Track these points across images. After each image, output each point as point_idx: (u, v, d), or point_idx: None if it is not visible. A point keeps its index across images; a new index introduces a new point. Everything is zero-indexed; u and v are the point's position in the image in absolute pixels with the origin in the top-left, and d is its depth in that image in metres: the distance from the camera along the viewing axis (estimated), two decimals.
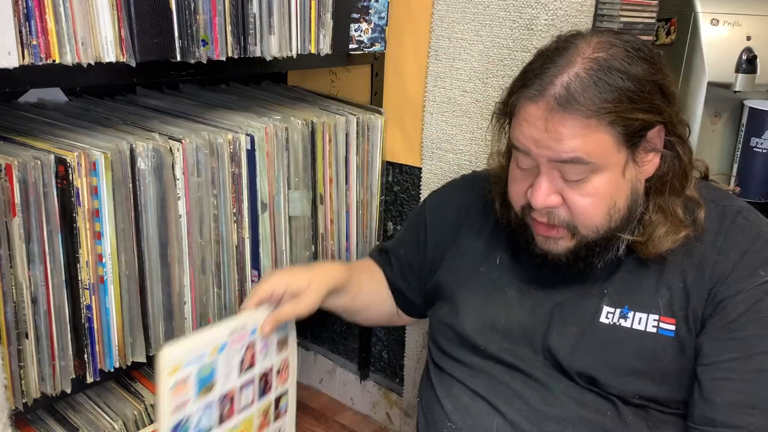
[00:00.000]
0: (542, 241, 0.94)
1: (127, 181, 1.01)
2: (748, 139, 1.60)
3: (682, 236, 0.91)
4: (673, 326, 0.91)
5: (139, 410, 1.17)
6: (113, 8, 0.92)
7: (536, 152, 0.87)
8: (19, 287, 0.93)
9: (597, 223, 0.90)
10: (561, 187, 0.88)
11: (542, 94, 0.85)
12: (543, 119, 0.85)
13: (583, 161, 0.85)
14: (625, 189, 0.90)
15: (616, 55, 0.85)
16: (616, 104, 0.83)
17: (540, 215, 0.91)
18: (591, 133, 0.84)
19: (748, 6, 1.60)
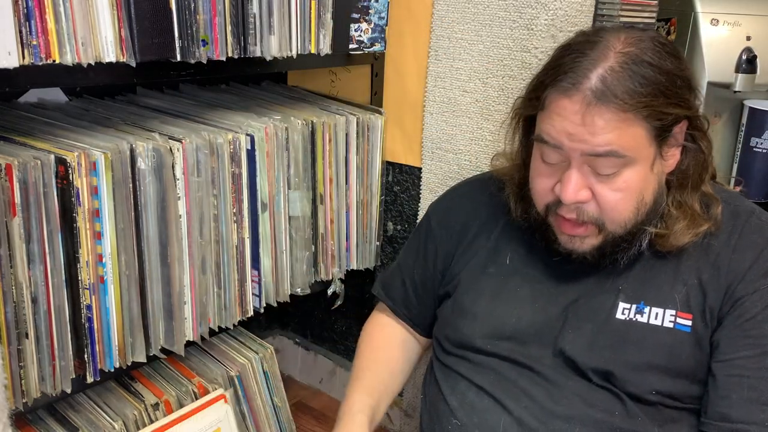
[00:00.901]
0: (567, 240, 0.94)
1: (127, 181, 1.02)
2: (748, 139, 1.60)
3: (703, 230, 0.92)
4: (689, 321, 0.91)
5: (139, 410, 1.17)
6: (113, 8, 0.92)
7: (569, 146, 0.86)
8: (19, 287, 0.93)
9: (626, 218, 0.90)
10: (591, 181, 0.88)
11: (577, 87, 0.84)
12: (579, 113, 0.84)
13: (618, 155, 0.85)
14: (652, 183, 0.90)
15: (646, 50, 0.86)
16: (652, 98, 0.84)
17: (568, 211, 0.91)
18: (627, 126, 0.84)
19: (748, 6, 1.60)
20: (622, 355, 0.92)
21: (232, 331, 1.42)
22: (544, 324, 0.97)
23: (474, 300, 1.03)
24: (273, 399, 1.42)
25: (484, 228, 1.08)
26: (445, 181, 1.39)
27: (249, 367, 1.36)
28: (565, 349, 0.95)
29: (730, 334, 0.89)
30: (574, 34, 0.94)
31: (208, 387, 1.26)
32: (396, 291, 1.19)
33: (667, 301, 0.93)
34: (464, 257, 1.08)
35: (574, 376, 0.95)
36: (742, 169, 1.62)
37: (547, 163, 0.91)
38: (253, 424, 1.39)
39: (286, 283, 1.33)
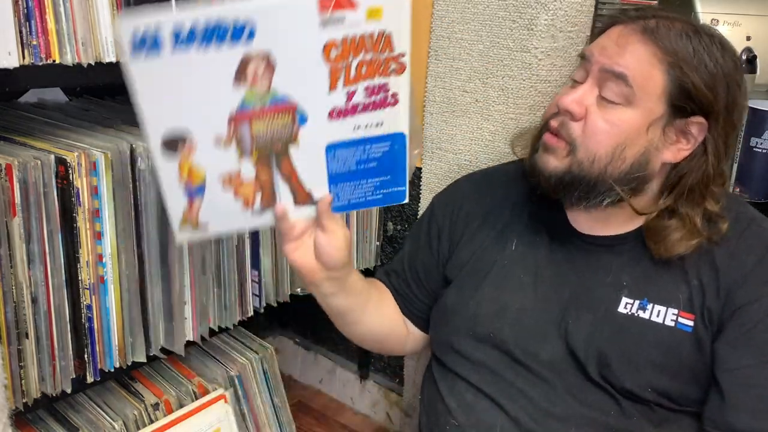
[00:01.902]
0: (541, 155, 0.96)
1: (128, 181, 1.02)
2: (748, 139, 1.60)
3: (694, 243, 0.92)
4: (691, 322, 0.91)
5: (139, 410, 1.17)
6: (113, 8, 0.92)
7: (596, 58, 0.91)
8: (19, 287, 0.93)
9: (598, 153, 0.91)
10: (590, 104, 0.91)
11: (635, 21, 0.90)
12: (621, 35, 0.90)
13: (627, 82, 0.88)
14: (640, 142, 0.90)
15: (715, 38, 0.91)
16: (684, 59, 0.88)
17: (555, 120, 0.94)
18: (649, 65, 0.88)
19: (748, 6, 1.60)
20: (621, 348, 0.93)
21: (232, 331, 1.42)
22: (545, 312, 0.97)
23: (479, 285, 1.03)
24: (273, 399, 1.42)
25: (489, 216, 1.08)
26: (445, 180, 1.39)
27: (249, 367, 1.36)
28: (566, 339, 0.95)
29: (734, 343, 0.89)
30: (574, 33, 0.95)
31: (208, 387, 1.26)
32: (397, 278, 1.18)
33: (671, 299, 0.93)
34: (469, 245, 1.08)
35: (571, 372, 0.95)
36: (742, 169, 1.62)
37: (572, 83, 0.95)
38: (253, 424, 1.39)
39: (286, 283, 1.33)
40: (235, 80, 0.81)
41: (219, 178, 0.86)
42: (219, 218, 0.89)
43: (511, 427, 0.96)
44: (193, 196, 0.87)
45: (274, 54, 0.82)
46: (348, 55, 0.84)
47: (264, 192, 0.89)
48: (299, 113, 0.85)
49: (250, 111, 0.84)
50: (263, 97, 0.83)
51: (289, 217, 0.90)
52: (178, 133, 0.83)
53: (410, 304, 1.16)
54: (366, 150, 0.90)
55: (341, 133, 0.87)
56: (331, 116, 0.86)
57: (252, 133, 0.85)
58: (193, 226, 0.89)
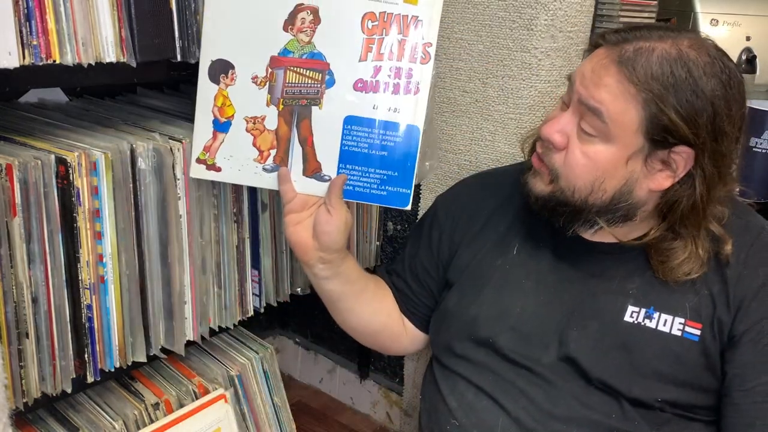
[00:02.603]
0: (529, 176, 0.96)
1: (128, 181, 1.02)
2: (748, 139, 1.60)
3: (696, 268, 0.91)
4: (698, 331, 0.91)
5: (139, 410, 1.17)
6: (113, 8, 0.92)
7: (576, 87, 0.90)
8: (20, 287, 0.93)
9: (576, 184, 0.91)
10: (571, 134, 0.90)
11: (617, 46, 0.87)
12: (599, 62, 0.88)
13: (602, 118, 0.86)
14: (619, 175, 0.89)
15: (700, 62, 0.84)
16: (659, 94, 0.83)
17: (540, 146, 0.94)
18: (624, 98, 0.85)
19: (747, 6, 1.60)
20: (628, 357, 0.92)
21: (233, 331, 1.42)
22: (548, 318, 0.97)
23: (481, 289, 1.03)
24: (273, 399, 1.42)
25: (492, 219, 1.08)
26: (445, 181, 1.39)
27: (249, 366, 1.36)
28: (569, 347, 0.95)
29: (751, 360, 0.89)
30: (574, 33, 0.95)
31: (208, 387, 1.26)
32: (398, 277, 1.18)
33: (678, 308, 0.92)
34: (471, 248, 1.07)
35: (573, 377, 0.95)
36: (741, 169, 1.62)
37: (560, 107, 0.94)
38: (253, 424, 1.39)
39: (286, 283, 1.33)
40: (285, 23, 0.88)
41: (245, 118, 0.93)
42: (233, 164, 0.94)
43: (511, 427, 0.95)
44: (218, 130, 0.93)
45: (322, 9, 0.89)
46: (381, 30, 0.90)
47: (279, 148, 0.94)
48: (329, 74, 0.91)
49: (289, 59, 0.90)
50: (303, 48, 0.90)
51: (295, 188, 0.92)
52: (224, 63, 0.90)
53: (409, 303, 1.16)
54: (380, 134, 0.94)
55: (361, 109, 0.92)
56: (356, 87, 0.92)
57: (285, 80, 0.91)
58: (209, 162, 0.94)
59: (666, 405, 0.92)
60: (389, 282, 1.18)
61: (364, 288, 1.11)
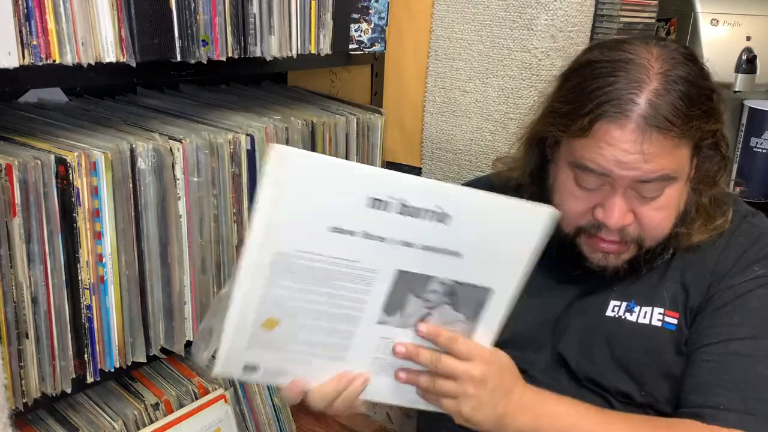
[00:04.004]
0: (600, 257, 0.92)
1: (128, 181, 1.01)
2: (748, 139, 1.60)
3: (718, 224, 0.92)
4: (676, 320, 0.91)
5: (139, 410, 1.17)
6: (113, 8, 0.92)
7: (619, 174, 0.83)
8: (19, 287, 0.93)
9: (664, 233, 0.90)
10: (634, 203, 0.87)
11: (626, 115, 0.81)
12: (632, 141, 0.81)
13: (668, 177, 0.84)
14: (685, 195, 0.91)
15: (682, 68, 0.84)
16: (701, 120, 0.82)
17: (610, 234, 0.88)
18: (677, 149, 0.83)
19: (748, 6, 1.60)
20: (610, 351, 0.93)
21: None
22: (539, 324, 0.98)
23: None
24: (273, 399, 1.42)
25: None
26: (445, 181, 1.39)
27: None
28: (558, 347, 0.96)
29: (698, 326, 0.89)
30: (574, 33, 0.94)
31: (208, 387, 1.26)
32: None
33: (656, 299, 0.93)
34: None
35: (564, 378, 0.95)
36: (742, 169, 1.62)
37: (583, 188, 0.88)
38: (253, 424, 1.39)
39: None
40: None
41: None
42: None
43: None
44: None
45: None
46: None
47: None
48: None
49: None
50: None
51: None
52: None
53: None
54: None
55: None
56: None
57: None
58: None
59: (653, 399, 0.92)
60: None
61: None
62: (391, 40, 1.41)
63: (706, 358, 0.87)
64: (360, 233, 0.79)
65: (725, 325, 0.87)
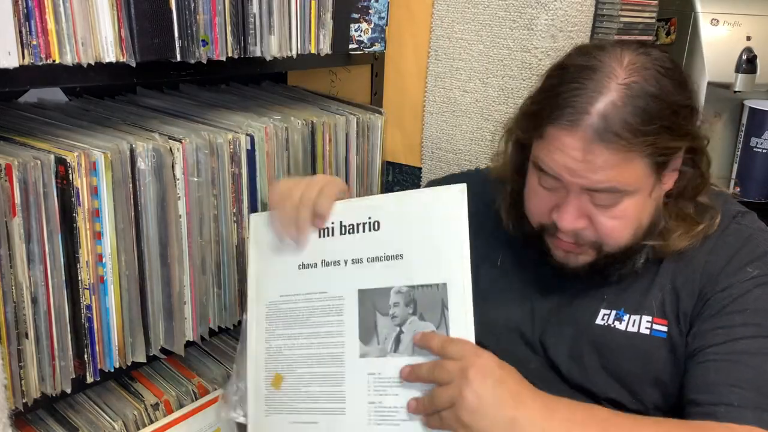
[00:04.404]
0: (561, 255, 0.93)
1: (127, 181, 1.01)
2: (748, 139, 1.60)
3: (699, 230, 0.91)
4: (665, 327, 0.91)
5: (139, 410, 1.17)
6: (113, 8, 0.92)
7: (568, 180, 0.85)
8: (19, 287, 0.93)
9: (623, 242, 0.90)
10: (589, 209, 0.87)
11: (577, 123, 0.82)
12: (579, 149, 0.82)
13: (617, 190, 0.84)
14: (650, 208, 0.90)
15: (649, 80, 0.83)
16: (655, 136, 0.82)
17: (566, 236, 0.90)
18: (627, 163, 0.83)
19: (748, 6, 1.60)
20: (600, 360, 0.93)
21: (232, 331, 1.42)
22: (530, 327, 0.98)
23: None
24: None
25: (473, 222, 1.07)
26: None
27: None
28: (549, 353, 0.96)
29: (699, 330, 0.89)
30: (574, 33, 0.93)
31: (208, 387, 1.26)
32: None
33: (644, 307, 0.92)
34: None
35: (557, 381, 0.96)
36: (742, 169, 1.62)
37: (544, 187, 0.90)
38: None
39: None
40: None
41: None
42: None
43: None
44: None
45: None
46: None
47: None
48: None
49: None
50: None
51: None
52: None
53: None
54: None
55: None
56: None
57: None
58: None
59: (643, 405, 0.92)
60: None
61: None
62: (391, 40, 1.41)
63: (714, 358, 0.86)
64: (320, 263, 0.89)
65: (728, 326, 0.87)
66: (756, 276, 0.88)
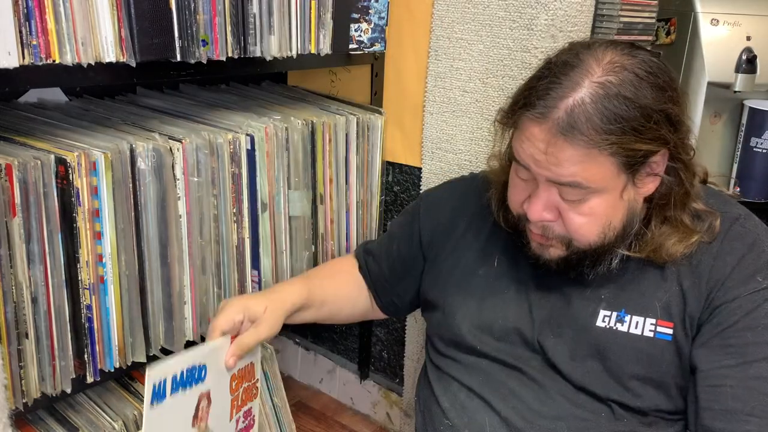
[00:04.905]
0: (536, 246, 0.95)
1: (127, 181, 1.02)
2: (748, 139, 1.60)
3: (694, 240, 0.91)
4: (670, 330, 0.91)
5: (139, 410, 1.17)
6: (113, 8, 0.92)
7: (535, 171, 0.87)
8: (19, 287, 0.93)
9: (591, 240, 0.90)
10: (557, 202, 0.88)
11: (545, 116, 0.83)
12: (544, 141, 0.84)
13: (582, 186, 0.85)
14: (621, 209, 0.90)
15: (625, 81, 0.83)
16: (619, 135, 0.82)
17: (535, 227, 0.92)
18: (591, 160, 0.83)
19: (748, 6, 1.60)
20: (602, 362, 0.93)
21: None
22: (529, 327, 0.98)
23: (463, 302, 1.04)
24: (273, 399, 1.42)
25: (472, 226, 1.08)
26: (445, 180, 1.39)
27: None
28: (549, 354, 0.96)
29: (710, 344, 0.89)
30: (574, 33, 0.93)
31: None
32: (369, 260, 1.21)
33: (648, 309, 0.92)
34: (453, 255, 1.08)
35: (559, 379, 0.95)
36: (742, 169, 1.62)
37: (520, 178, 0.92)
38: None
39: None
40: (193, 419, 0.93)
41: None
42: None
43: (500, 427, 0.96)
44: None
45: (213, 390, 0.95)
46: (240, 384, 1.01)
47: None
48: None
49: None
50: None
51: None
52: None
53: (380, 288, 1.20)
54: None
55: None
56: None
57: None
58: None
59: (647, 407, 0.92)
60: (364, 264, 1.21)
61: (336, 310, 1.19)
62: (391, 40, 1.41)
63: (730, 384, 0.86)
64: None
65: (740, 345, 0.87)
66: (766, 288, 0.88)
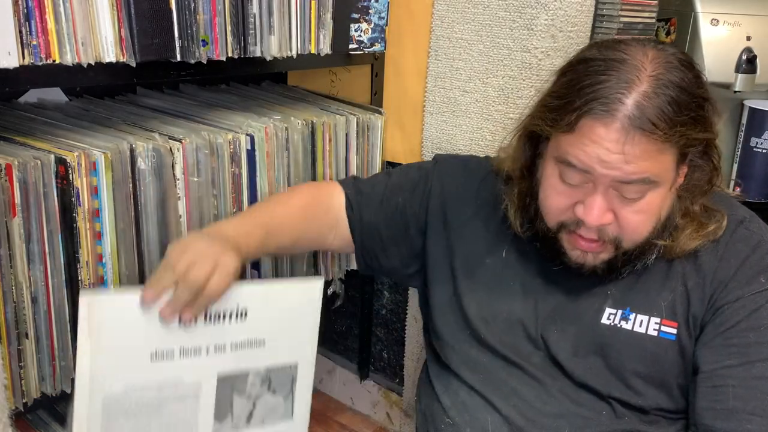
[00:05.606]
0: (579, 255, 0.92)
1: (127, 181, 1.01)
2: (748, 139, 1.60)
3: (710, 231, 0.91)
4: (674, 329, 0.91)
5: None
6: (113, 8, 0.92)
7: (601, 173, 0.83)
8: (19, 287, 0.93)
9: (644, 237, 0.89)
10: (614, 203, 0.86)
11: (613, 114, 0.81)
12: (615, 141, 0.81)
13: (649, 181, 0.84)
14: (669, 201, 0.90)
15: (675, 72, 0.83)
16: (689, 128, 0.82)
17: (589, 232, 0.89)
18: (661, 154, 0.83)
19: (748, 6, 1.60)
20: (605, 360, 0.93)
21: None
22: (533, 322, 0.98)
23: (471, 287, 1.03)
24: None
25: (480, 212, 1.06)
26: None
27: None
28: (552, 350, 0.96)
29: (712, 344, 0.89)
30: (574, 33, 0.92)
31: None
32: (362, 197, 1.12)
33: (653, 308, 0.92)
34: (462, 239, 1.06)
35: (560, 377, 0.95)
36: (742, 169, 1.61)
37: (567, 183, 0.88)
38: None
39: None
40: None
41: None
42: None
43: (501, 425, 0.96)
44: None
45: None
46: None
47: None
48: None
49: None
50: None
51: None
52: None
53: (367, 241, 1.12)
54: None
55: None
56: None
57: None
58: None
59: (649, 405, 0.92)
60: (356, 208, 1.11)
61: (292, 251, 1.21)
62: (391, 40, 1.41)
63: (732, 383, 0.86)
64: (178, 352, 0.86)
65: (742, 344, 0.87)
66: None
